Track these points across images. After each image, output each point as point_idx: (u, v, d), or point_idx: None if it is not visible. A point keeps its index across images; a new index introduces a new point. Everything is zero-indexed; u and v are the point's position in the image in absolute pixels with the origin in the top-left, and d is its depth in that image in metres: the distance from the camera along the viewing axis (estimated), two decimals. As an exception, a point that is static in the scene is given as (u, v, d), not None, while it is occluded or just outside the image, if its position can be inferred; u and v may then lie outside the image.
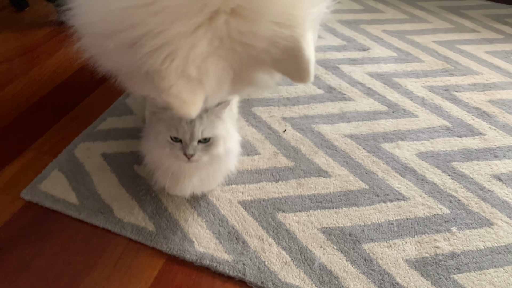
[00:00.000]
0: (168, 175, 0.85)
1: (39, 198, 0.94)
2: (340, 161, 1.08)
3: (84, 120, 1.15)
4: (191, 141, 0.78)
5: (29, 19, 1.58)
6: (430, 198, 1.00)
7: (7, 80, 1.28)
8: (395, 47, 1.54)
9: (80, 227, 0.90)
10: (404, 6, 1.83)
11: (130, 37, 0.53)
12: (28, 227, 0.90)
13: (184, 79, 0.52)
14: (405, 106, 1.27)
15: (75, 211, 0.92)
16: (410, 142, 1.15)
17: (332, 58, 1.47)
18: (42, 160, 1.03)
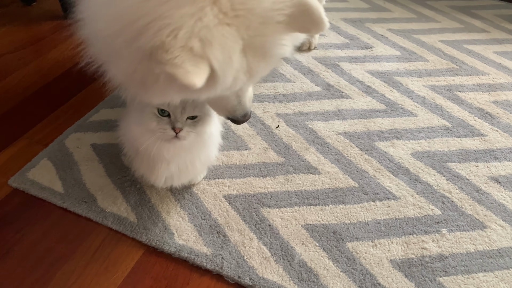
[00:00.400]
0: (146, 160, 0.83)
1: (26, 185, 0.95)
2: (331, 158, 1.06)
3: (78, 111, 1.16)
4: (181, 115, 0.76)
5: (36, 13, 1.61)
6: (422, 199, 0.97)
7: (9, 71, 1.30)
8: (400, 46, 1.51)
9: (63, 215, 0.91)
10: (413, 5, 1.79)
11: (137, 27, 0.55)
12: (13, 214, 0.90)
13: (187, 52, 0.54)
14: (404, 105, 1.24)
15: (60, 200, 0.92)
16: (406, 141, 1.12)
17: (333, 56, 1.44)
18: (33, 149, 1.04)
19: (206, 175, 0.99)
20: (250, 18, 0.57)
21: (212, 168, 1.01)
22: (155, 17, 0.54)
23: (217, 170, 1.01)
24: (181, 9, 0.53)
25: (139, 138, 0.80)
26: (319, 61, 1.41)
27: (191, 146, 0.82)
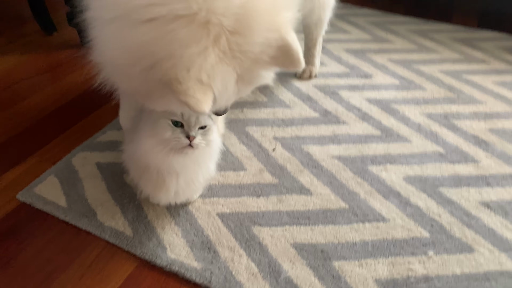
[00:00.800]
0: (155, 176, 0.88)
1: (32, 199, 1.01)
2: (324, 180, 1.09)
3: (87, 132, 1.23)
4: (195, 125, 0.83)
5: (56, 42, 1.72)
6: (411, 221, 0.98)
7: (26, 94, 1.40)
8: (399, 75, 1.55)
9: (65, 228, 0.96)
10: (414, 37, 1.84)
11: (151, 62, 0.64)
12: (18, 225, 0.96)
13: (197, 83, 0.64)
14: (399, 131, 1.27)
15: (62, 213, 0.98)
16: (399, 166, 1.14)
17: (332, 84, 1.49)
18: (42, 167, 1.11)
19: (202, 193, 1.04)
20: (244, 59, 0.68)
21: (207, 187, 1.05)
22: (166, 54, 0.63)
23: (213, 189, 1.06)
24: (188, 48, 0.63)
25: (151, 150, 0.85)
26: (318, 88, 1.47)
27: (198, 157, 0.89)
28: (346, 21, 1.98)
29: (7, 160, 1.13)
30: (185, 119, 0.82)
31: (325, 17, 1.40)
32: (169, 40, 0.63)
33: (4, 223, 0.97)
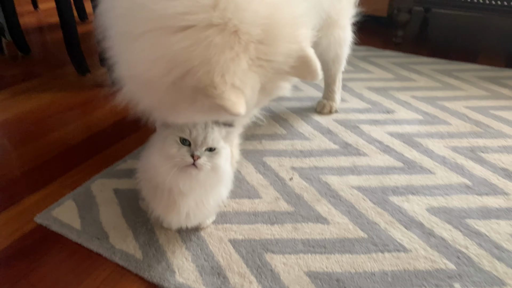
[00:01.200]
0: (165, 196, 0.87)
1: (49, 222, 1.02)
2: (342, 210, 1.05)
3: (109, 161, 1.26)
4: (201, 145, 0.82)
5: (88, 82, 1.82)
6: (435, 252, 0.92)
7: (56, 127, 1.46)
8: (422, 111, 1.53)
9: (77, 250, 0.95)
10: (438, 76, 1.83)
11: (184, 70, 0.67)
12: (32, 247, 0.96)
13: (232, 87, 0.67)
14: (422, 163, 1.23)
15: (76, 236, 0.98)
16: (422, 197, 1.09)
17: (353, 119, 1.48)
18: (62, 192, 1.13)
19: (215, 219, 1.02)
20: (268, 69, 0.72)
21: (221, 213, 1.03)
22: (202, 60, 0.65)
23: (226, 215, 1.04)
24: (223, 55, 0.66)
25: (158, 164, 0.84)
26: (339, 123, 1.46)
27: (205, 181, 0.86)
28: (368, 62, 2.00)
29: (30, 186, 1.16)
30: (192, 138, 0.82)
31: (342, 53, 1.41)
32: (205, 47, 0.65)
33: (19, 243, 0.97)
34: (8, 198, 1.12)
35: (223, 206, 1.06)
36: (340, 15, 1.32)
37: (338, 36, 1.35)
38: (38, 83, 1.82)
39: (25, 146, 1.35)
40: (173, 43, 0.65)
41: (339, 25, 1.33)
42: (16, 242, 0.98)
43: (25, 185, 1.17)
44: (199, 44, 0.65)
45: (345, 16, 1.35)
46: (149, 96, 0.75)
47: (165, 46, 0.66)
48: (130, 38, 0.71)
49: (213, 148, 0.83)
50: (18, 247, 0.96)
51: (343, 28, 1.35)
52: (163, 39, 0.66)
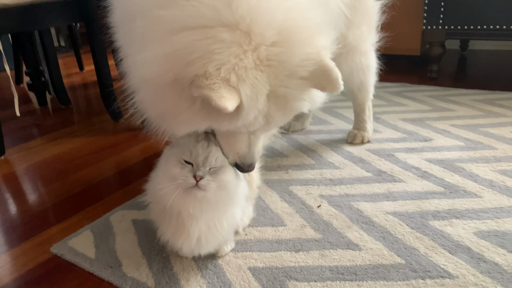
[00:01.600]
0: (174, 219, 0.81)
1: (63, 252, 0.98)
2: (375, 236, 0.94)
3: (131, 195, 1.23)
4: (203, 165, 0.77)
5: (121, 126, 1.86)
6: (487, 279, 0.78)
7: (86, 166, 1.47)
8: (464, 138, 1.41)
9: (88, 278, 0.90)
10: (479, 105, 1.72)
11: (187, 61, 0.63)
12: (44, 276, 0.92)
13: (224, 82, 0.62)
14: (466, 187, 1.10)
15: (88, 264, 0.93)
16: (468, 221, 0.96)
17: (388, 148, 1.39)
18: (82, 224, 1.10)
19: (234, 247, 0.94)
20: (280, 69, 0.66)
21: (241, 241, 0.96)
22: (205, 52, 0.63)
23: (247, 243, 0.95)
24: (230, 49, 0.63)
25: (162, 186, 0.80)
26: (372, 152, 1.37)
27: (216, 202, 0.80)
28: (402, 96, 1.93)
29: (53, 219, 1.15)
30: (193, 158, 0.77)
31: (367, 80, 1.36)
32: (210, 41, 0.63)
33: (32, 273, 0.94)
34: (29, 230, 1.10)
35: (244, 234, 0.99)
36: (360, 41, 1.28)
37: (360, 62, 1.30)
38: (74, 129, 1.88)
39: (54, 183, 1.36)
40: (179, 38, 0.64)
41: (360, 51, 1.29)
42: (31, 271, 0.94)
43: (48, 218, 1.16)
44: (205, 39, 0.63)
45: (366, 42, 1.31)
46: (154, 104, 0.72)
47: (171, 42, 0.64)
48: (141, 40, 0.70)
49: (217, 167, 0.78)
50: (31, 276, 0.93)
51: (365, 54, 1.31)
52: (171, 37, 0.65)
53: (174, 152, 0.80)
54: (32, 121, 2.05)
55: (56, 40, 4.19)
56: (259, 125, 0.73)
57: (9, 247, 1.04)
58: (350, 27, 1.23)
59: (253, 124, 0.72)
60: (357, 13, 1.23)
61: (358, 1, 1.23)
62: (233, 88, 0.63)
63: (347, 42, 1.26)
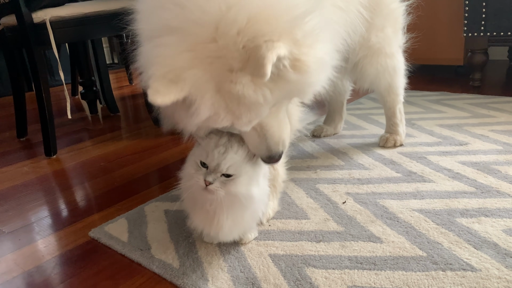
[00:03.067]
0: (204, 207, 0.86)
1: (100, 235, 1.05)
2: (399, 230, 0.94)
3: (166, 190, 1.30)
4: (215, 170, 0.81)
5: (162, 132, 1.96)
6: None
7: (127, 164, 1.57)
8: (502, 142, 1.37)
9: (119, 260, 0.96)
10: (524, 112, 1.65)
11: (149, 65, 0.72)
12: (81, 255, 1.00)
13: (162, 79, 0.67)
14: (500, 188, 1.07)
15: (121, 247, 0.99)
16: (498, 219, 0.93)
17: (421, 151, 1.37)
18: (119, 213, 1.18)
19: (257, 236, 0.97)
20: (219, 66, 0.68)
21: (264, 231, 0.98)
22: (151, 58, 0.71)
23: (270, 233, 0.98)
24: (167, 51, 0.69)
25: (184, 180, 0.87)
26: (404, 154, 1.36)
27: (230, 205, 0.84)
28: (441, 104, 1.89)
29: (93, 208, 1.24)
30: (208, 162, 0.81)
31: (394, 82, 1.36)
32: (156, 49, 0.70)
33: (71, 252, 1.01)
34: (72, 217, 1.20)
35: (267, 225, 1.01)
36: (385, 43, 1.28)
37: (385, 65, 1.30)
38: (119, 134, 2.01)
39: (98, 178, 1.46)
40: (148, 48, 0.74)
41: (385, 53, 1.29)
42: (69, 251, 1.02)
43: (89, 208, 1.24)
44: (154, 47, 0.71)
45: (391, 44, 1.31)
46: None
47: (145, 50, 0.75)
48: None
49: (229, 174, 0.81)
50: (69, 256, 1.00)
51: (390, 56, 1.31)
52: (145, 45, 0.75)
53: (196, 152, 0.86)
54: (83, 126, 2.21)
55: (110, 57, 4.47)
56: (227, 122, 0.73)
57: (54, 230, 1.13)
58: (372, 29, 1.24)
59: (219, 121, 0.73)
60: (379, 15, 1.24)
61: (379, 4, 1.24)
62: (172, 83, 0.66)
63: (370, 44, 1.27)
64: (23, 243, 1.08)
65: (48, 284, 0.90)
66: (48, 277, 0.93)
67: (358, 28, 1.15)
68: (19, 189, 1.44)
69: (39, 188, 1.43)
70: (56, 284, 0.90)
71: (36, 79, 1.68)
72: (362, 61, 1.29)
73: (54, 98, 3.00)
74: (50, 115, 1.73)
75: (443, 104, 1.87)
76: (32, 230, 1.14)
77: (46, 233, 1.12)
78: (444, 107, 1.82)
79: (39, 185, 1.45)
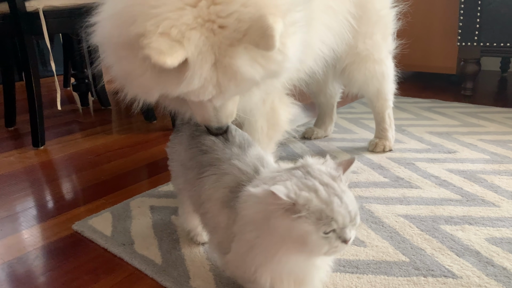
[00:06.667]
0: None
1: (83, 229, 1.04)
2: (383, 235, 0.94)
3: (152, 185, 1.29)
4: (351, 222, 0.59)
5: (153, 127, 1.95)
6: (492, 281, 0.76)
7: (114, 159, 1.56)
8: (490, 152, 1.38)
9: (102, 254, 0.95)
10: (513, 123, 1.67)
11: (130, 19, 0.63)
12: (63, 248, 0.99)
13: (164, 37, 0.61)
14: (485, 197, 1.08)
15: (104, 241, 0.98)
16: (481, 227, 0.94)
17: (409, 157, 1.38)
18: (104, 207, 1.17)
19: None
20: (221, 38, 0.64)
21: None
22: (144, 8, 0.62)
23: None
24: (166, 6, 0.62)
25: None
26: (392, 160, 1.36)
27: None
28: (432, 111, 1.90)
29: (79, 201, 1.22)
30: (339, 219, 0.57)
31: (383, 88, 1.36)
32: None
33: (53, 245, 1.00)
34: (56, 209, 1.18)
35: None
36: (374, 49, 1.29)
37: (374, 70, 1.31)
38: (109, 127, 1.99)
39: (85, 171, 1.45)
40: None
41: (374, 60, 1.30)
42: (51, 243, 1.01)
43: (74, 201, 1.23)
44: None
45: (380, 50, 1.31)
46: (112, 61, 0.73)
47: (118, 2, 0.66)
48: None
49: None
50: (51, 248, 0.99)
51: (379, 62, 1.31)
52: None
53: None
54: (73, 118, 2.19)
55: (105, 51, 4.45)
56: (210, 95, 0.70)
57: (37, 222, 1.12)
58: (359, 36, 1.24)
59: (203, 93, 0.69)
60: (367, 23, 1.24)
61: (366, 12, 1.24)
62: (176, 41, 0.60)
63: (357, 51, 1.27)
64: (5, 233, 1.07)
65: (28, 276, 0.89)
66: (28, 269, 0.91)
67: (345, 36, 1.15)
68: (4, 179, 1.42)
69: (25, 178, 1.42)
70: (36, 276, 0.89)
71: (26, 69, 1.66)
72: (349, 67, 1.30)
73: (46, 89, 2.97)
74: (39, 105, 1.71)
75: (434, 111, 1.89)
76: (16, 221, 1.13)
77: (29, 224, 1.11)
78: (435, 115, 1.84)
79: (25, 176, 1.44)
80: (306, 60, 0.98)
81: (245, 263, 0.65)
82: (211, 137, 0.79)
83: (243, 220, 0.64)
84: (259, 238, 0.62)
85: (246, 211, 0.63)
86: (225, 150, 0.76)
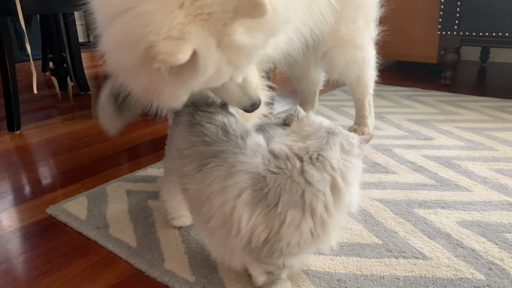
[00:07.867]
0: None
1: (58, 212, 1.03)
2: (357, 218, 0.95)
3: (131, 170, 1.28)
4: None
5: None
6: (461, 262, 0.78)
7: (91, 144, 1.53)
8: (466, 139, 1.40)
9: (76, 237, 0.94)
10: (489, 111, 1.70)
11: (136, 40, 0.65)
12: (36, 232, 0.97)
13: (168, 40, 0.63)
14: (458, 182, 1.10)
15: (78, 225, 0.97)
16: (453, 211, 0.96)
17: (387, 143, 1.39)
18: (80, 191, 1.15)
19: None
20: (213, 22, 0.66)
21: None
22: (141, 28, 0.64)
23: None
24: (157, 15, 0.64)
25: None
26: (370, 146, 1.37)
27: None
28: (412, 99, 1.92)
29: (54, 185, 1.20)
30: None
31: (364, 75, 1.37)
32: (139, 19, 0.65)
33: (26, 228, 0.99)
34: (31, 193, 1.16)
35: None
36: (355, 35, 1.29)
37: (355, 56, 1.31)
38: (88, 112, 1.96)
39: (62, 155, 1.42)
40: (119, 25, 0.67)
41: (356, 45, 1.30)
42: (24, 227, 0.99)
43: (50, 185, 1.21)
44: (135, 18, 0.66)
45: (362, 36, 1.31)
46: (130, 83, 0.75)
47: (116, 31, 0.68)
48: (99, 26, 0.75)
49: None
50: (24, 231, 0.98)
51: (360, 48, 1.31)
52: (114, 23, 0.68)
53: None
54: (51, 103, 2.15)
55: (86, 36, 4.35)
56: (228, 74, 0.72)
57: (10, 206, 1.10)
58: (342, 20, 1.24)
59: (222, 75, 0.72)
60: (350, 7, 1.24)
61: None
62: (180, 40, 0.63)
63: (340, 35, 1.27)
64: (-24, 217, 1.05)
65: (0, 259, 0.88)
66: (0, 253, 0.90)
67: (327, 18, 1.15)
68: (-23, 163, 1.39)
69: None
70: (8, 259, 0.88)
71: (0, 51, 1.62)
72: (331, 51, 1.29)
73: (24, 73, 2.91)
74: (15, 89, 1.67)
75: (413, 99, 1.91)
76: (-13, 205, 1.11)
77: (2, 208, 1.09)
78: (414, 103, 1.86)
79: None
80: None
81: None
82: (212, 127, 0.77)
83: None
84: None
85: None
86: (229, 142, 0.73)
